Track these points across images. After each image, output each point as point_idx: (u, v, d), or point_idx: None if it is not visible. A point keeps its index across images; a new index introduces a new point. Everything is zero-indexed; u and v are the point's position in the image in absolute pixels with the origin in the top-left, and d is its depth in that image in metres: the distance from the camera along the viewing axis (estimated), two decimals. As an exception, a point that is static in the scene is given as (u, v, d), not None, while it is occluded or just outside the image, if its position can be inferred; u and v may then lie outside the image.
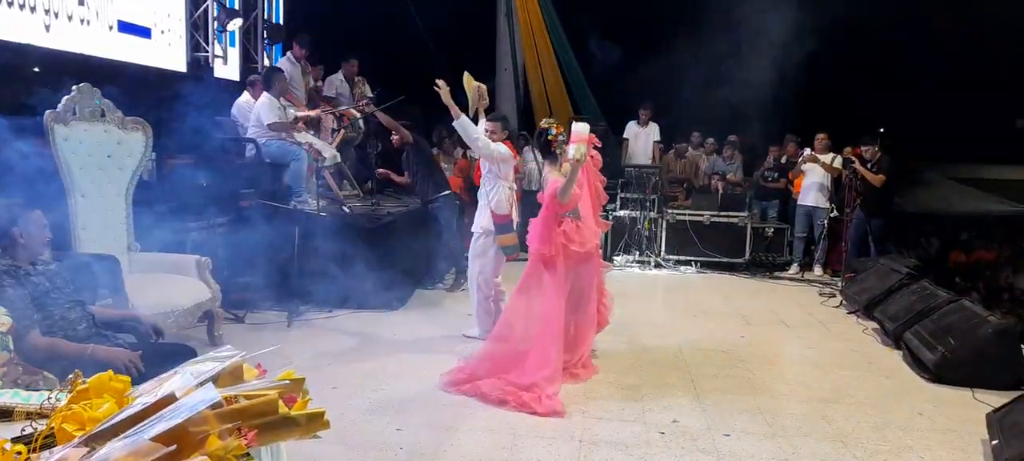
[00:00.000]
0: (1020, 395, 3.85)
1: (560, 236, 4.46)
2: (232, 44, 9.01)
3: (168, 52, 7.57)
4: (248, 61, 9.37)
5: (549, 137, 4.72)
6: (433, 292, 7.10)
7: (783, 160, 9.61)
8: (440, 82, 4.91)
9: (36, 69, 5.85)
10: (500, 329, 4.58)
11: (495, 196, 5.20)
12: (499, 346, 4.47)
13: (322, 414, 1.69)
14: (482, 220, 5.29)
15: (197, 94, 5.85)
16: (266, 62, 9.51)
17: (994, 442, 3.53)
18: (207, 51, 8.41)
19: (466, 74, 5.42)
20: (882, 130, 9.79)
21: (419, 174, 7.33)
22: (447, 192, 7.32)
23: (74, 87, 4.61)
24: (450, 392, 4.26)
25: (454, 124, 4.97)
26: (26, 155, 4.41)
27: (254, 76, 7.82)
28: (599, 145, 4.84)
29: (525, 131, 9.40)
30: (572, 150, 4.44)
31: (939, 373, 4.77)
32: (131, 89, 5.36)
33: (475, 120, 5.28)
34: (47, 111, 4.45)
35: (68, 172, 4.54)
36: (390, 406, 4.04)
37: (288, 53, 8.15)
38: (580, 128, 4.52)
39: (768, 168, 9.72)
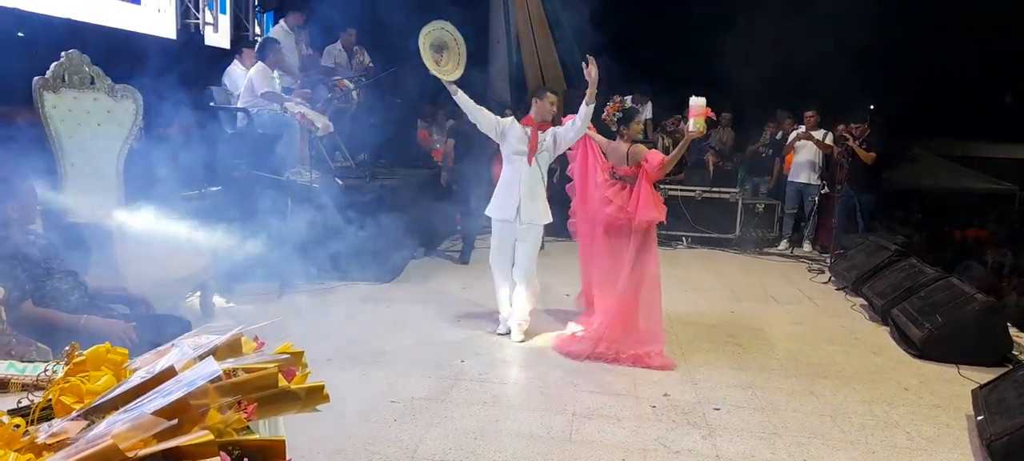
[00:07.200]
0: (1006, 372, 3.93)
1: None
2: (223, 11, 8.87)
3: (158, 19, 7.45)
4: (239, 29, 9.24)
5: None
6: (426, 264, 7.10)
7: (778, 136, 9.62)
8: (590, 58, 4.56)
9: (20, 34, 5.74)
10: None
11: None
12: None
13: (322, 388, 1.68)
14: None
15: (188, 62, 5.76)
16: (257, 30, 9.37)
17: (979, 417, 3.59)
18: (198, 18, 8.28)
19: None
20: (872, 107, 9.79)
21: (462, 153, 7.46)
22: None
23: (63, 53, 4.53)
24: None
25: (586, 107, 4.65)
26: (14, 123, 4.35)
27: (245, 47, 7.71)
28: (714, 117, 4.98)
29: (513, 105, 9.29)
30: (692, 124, 4.55)
31: (925, 349, 4.84)
32: (121, 56, 5.27)
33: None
34: (35, 78, 4.38)
35: (58, 141, 4.47)
36: (383, 378, 4.06)
37: (282, 20, 8.03)
38: (698, 102, 4.58)
39: (764, 144, 9.72)
